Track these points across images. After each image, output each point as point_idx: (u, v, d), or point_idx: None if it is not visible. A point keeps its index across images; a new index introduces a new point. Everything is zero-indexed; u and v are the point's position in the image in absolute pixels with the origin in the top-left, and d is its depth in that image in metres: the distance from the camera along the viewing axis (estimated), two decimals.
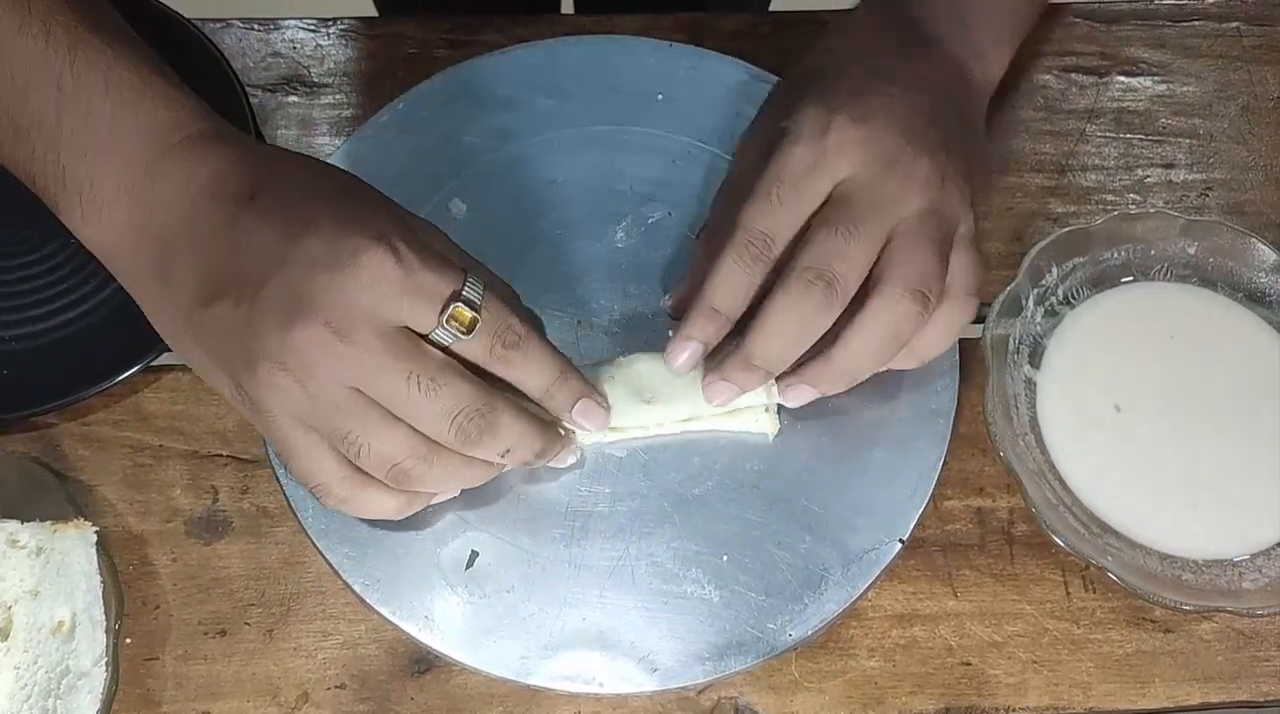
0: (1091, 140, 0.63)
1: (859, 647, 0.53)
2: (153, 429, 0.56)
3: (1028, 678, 0.52)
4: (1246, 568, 0.52)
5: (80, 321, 0.56)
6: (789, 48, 0.63)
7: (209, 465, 0.55)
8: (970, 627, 0.53)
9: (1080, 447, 0.55)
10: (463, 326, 0.43)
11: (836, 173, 0.47)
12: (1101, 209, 0.61)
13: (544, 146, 0.57)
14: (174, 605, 0.53)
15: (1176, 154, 0.63)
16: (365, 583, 0.49)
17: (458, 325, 0.43)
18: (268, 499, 0.54)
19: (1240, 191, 0.62)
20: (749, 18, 0.65)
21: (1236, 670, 0.53)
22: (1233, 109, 0.64)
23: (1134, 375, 0.56)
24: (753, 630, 0.49)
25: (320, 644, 0.52)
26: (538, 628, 0.49)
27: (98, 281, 0.57)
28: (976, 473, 0.56)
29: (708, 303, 0.47)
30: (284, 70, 0.63)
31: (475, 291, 0.43)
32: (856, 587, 0.49)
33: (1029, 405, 0.55)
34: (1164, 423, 0.55)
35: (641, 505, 0.50)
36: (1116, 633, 0.53)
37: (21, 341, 0.56)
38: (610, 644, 0.48)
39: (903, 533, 0.50)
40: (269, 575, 0.53)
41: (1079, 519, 0.53)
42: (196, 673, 0.52)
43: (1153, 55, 0.65)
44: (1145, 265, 0.58)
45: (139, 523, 0.54)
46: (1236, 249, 0.57)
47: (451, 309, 0.43)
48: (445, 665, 0.52)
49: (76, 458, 0.55)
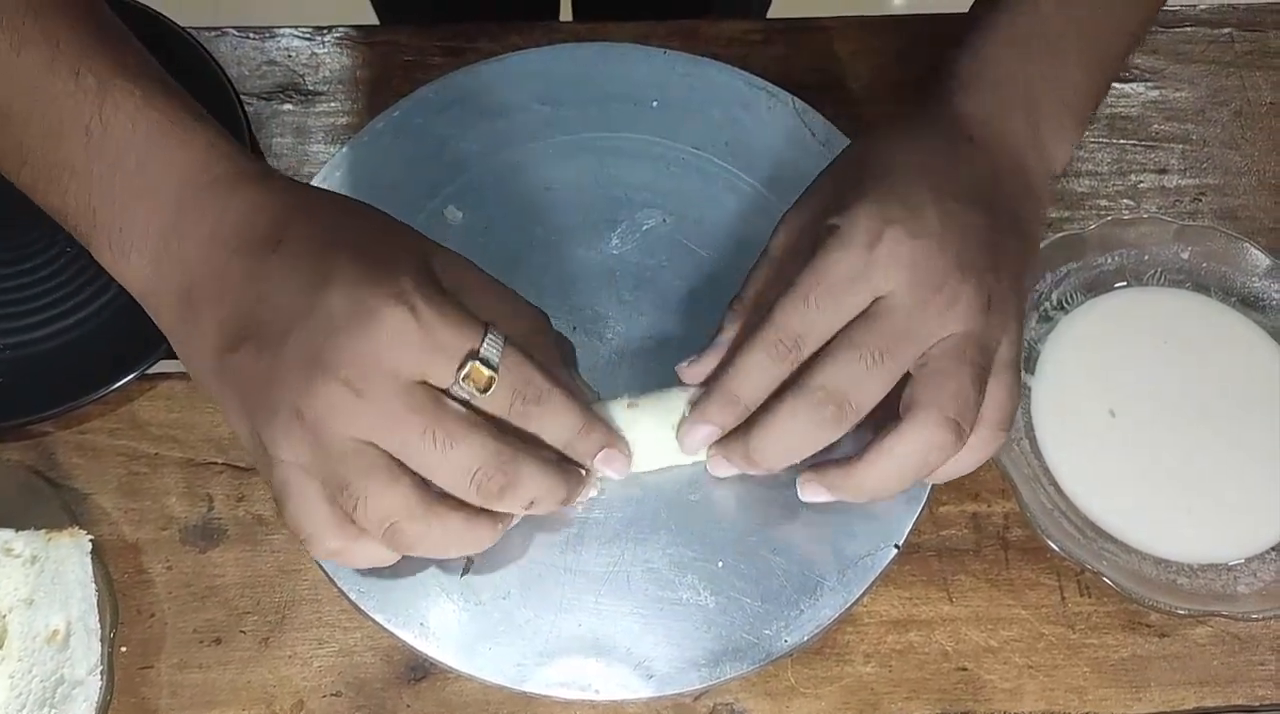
0: (1085, 146, 0.63)
1: (855, 652, 0.53)
2: (148, 437, 0.56)
3: (1023, 683, 0.52)
4: (1241, 572, 0.52)
5: (75, 330, 0.56)
6: (784, 54, 0.64)
7: (204, 473, 0.55)
8: (966, 632, 0.53)
9: (1075, 451, 0.55)
10: (479, 386, 0.43)
11: (879, 287, 0.45)
12: (1095, 214, 0.62)
13: (539, 153, 0.57)
14: (169, 614, 0.53)
15: (1169, 159, 0.63)
16: (360, 590, 0.49)
17: (473, 385, 0.42)
18: (263, 507, 0.54)
19: (1233, 196, 0.63)
20: (744, 24, 0.65)
21: (1232, 675, 0.53)
22: (1225, 114, 0.65)
23: (1128, 380, 0.56)
24: (749, 636, 0.49)
25: (315, 652, 0.52)
26: (533, 635, 0.48)
27: (93, 290, 0.57)
28: (971, 478, 0.56)
29: (730, 390, 0.46)
30: (279, 78, 0.63)
31: (495, 348, 0.43)
32: (852, 592, 0.49)
33: (1024, 410, 0.56)
34: (1158, 427, 0.55)
35: (637, 511, 0.50)
36: (1112, 637, 0.53)
37: (16, 350, 0.56)
38: (606, 651, 0.48)
39: (898, 538, 0.50)
40: (264, 583, 0.53)
41: (1074, 524, 0.53)
42: (192, 681, 0.51)
43: (1145, 61, 0.66)
44: (1139, 270, 0.58)
45: (134, 531, 0.54)
46: (1230, 254, 0.58)
47: (469, 368, 0.42)
48: (441, 673, 0.51)
49: (71, 466, 0.55)
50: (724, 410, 0.47)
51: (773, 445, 0.46)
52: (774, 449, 0.46)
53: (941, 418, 0.44)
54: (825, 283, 0.44)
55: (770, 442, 0.46)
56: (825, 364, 0.45)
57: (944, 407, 0.44)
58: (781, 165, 0.56)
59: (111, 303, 0.57)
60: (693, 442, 0.48)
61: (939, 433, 0.44)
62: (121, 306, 0.57)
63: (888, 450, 0.45)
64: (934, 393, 0.44)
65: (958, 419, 0.44)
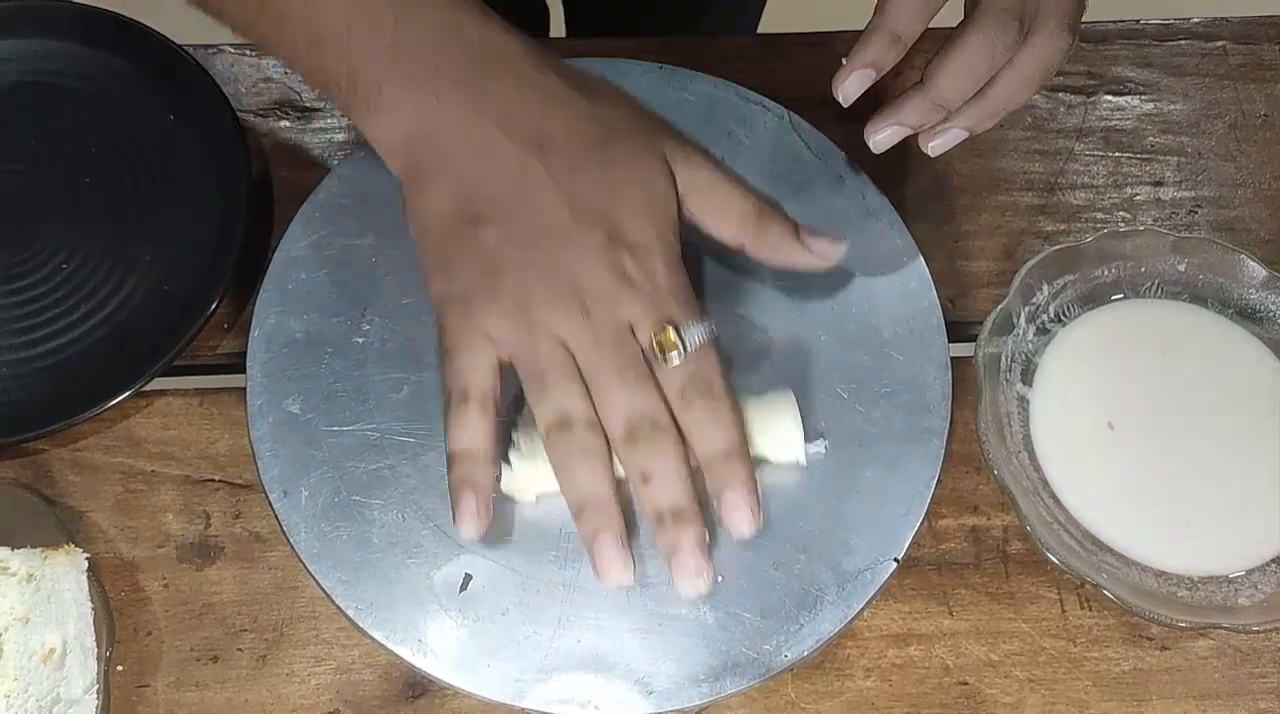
0: (1080, 159, 0.64)
1: (855, 667, 0.52)
2: (144, 455, 0.55)
3: (1024, 697, 0.52)
4: (1242, 584, 0.52)
5: (71, 347, 0.56)
6: (777, 69, 0.64)
7: (201, 490, 0.55)
8: (966, 646, 0.53)
9: (1074, 464, 0.55)
10: (663, 350, 0.46)
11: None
12: (1091, 227, 0.62)
13: None
14: (165, 632, 0.52)
15: (1165, 172, 0.64)
16: (358, 607, 0.49)
17: (659, 348, 0.46)
18: (260, 524, 0.54)
19: (1229, 208, 0.63)
20: (738, 40, 0.66)
21: (1234, 688, 0.52)
22: (1220, 127, 0.65)
23: (1126, 392, 0.56)
24: (748, 652, 0.48)
25: (313, 670, 0.52)
26: (532, 651, 0.48)
27: (89, 307, 0.57)
28: (971, 491, 0.56)
29: (889, 28, 0.47)
30: (275, 95, 0.63)
31: (696, 334, 0.47)
32: (852, 607, 0.49)
33: (1022, 423, 0.55)
34: (1157, 439, 0.55)
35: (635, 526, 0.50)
36: (1113, 650, 0.53)
37: (12, 367, 0.56)
38: (606, 667, 0.48)
39: (898, 552, 0.50)
40: (261, 601, 0.53)
41: (1074, 537, 0.53)
42: (188, 700, 0.51)
43: (1140, 74, 0.66)
44: (1136, 282, 0.58)
45: (130, 549, 0.54)
46: (1226, 266, 0.58)
47: (666, 332, 0.46)
48: (439, 690, 0.51)
49: (67, 484, 0.55)
50: (885, 49, 0.47)
51: (962, 78, 0.48)
52: (963, 81, 0.48)
53: (999, 10, 0.46)
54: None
55: (956, 75, 0.47)
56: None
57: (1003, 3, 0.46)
58: (777, 179, 0.56)
59: (107, 320, 0.57)
60: (850, 89, 0.48)
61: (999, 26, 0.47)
62: (117, 323, 0.56)
63: (958, 54, 0.47)
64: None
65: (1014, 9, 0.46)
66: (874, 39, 0.47)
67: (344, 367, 0.52)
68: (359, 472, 0.51)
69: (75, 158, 0.60)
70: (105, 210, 0.59)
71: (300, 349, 0.53)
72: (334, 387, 0.52)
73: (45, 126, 0.61)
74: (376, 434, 0.51)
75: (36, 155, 0.60)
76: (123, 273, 0.57)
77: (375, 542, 0.49)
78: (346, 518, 0.50)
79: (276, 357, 0.53)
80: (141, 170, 0.60)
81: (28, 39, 0.62)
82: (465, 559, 0.50)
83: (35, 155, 0.60)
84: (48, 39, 0.62)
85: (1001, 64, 0.48)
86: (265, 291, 0.54)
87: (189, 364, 0.57)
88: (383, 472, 0.51)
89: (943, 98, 0.48)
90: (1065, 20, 0.48)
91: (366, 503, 0.50)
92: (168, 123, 0.60)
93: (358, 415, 0.51)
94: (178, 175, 0.59)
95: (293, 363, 0.52)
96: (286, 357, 0.53)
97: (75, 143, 0.60)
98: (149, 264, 0.58)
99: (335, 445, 0.51)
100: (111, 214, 0.59)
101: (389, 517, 0.50)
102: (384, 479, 0.50)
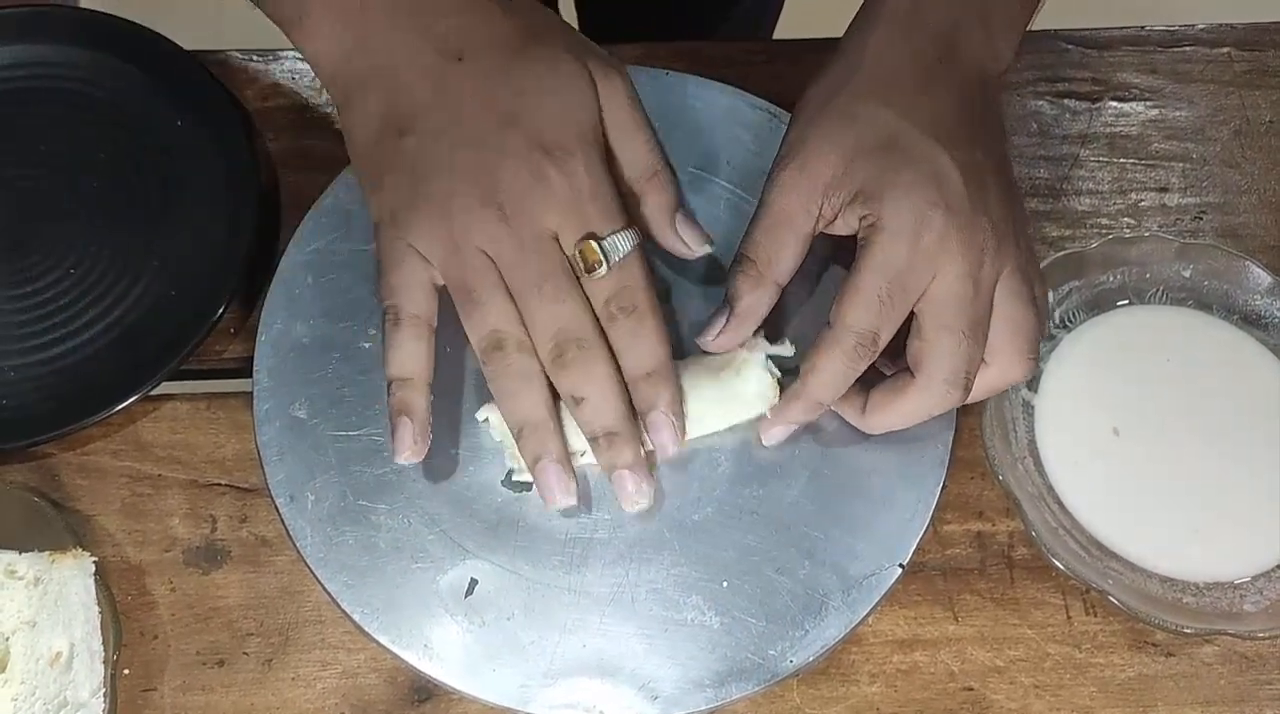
0: (1085, 165, 0.64)
1: (860, 672, 0.52)
2: (151, 459, 0.56)
3: (1030, 703, 0.52)
4: (1247, 590, 0.52)
5: (78, 352, 0.56)
6: (785, 73, 0.64)
7: (207, 495, 0.55)
8: (972, 651, 0.53)
9: (1079, 470, 0.55)
10: (586, 264, 0.46)
11: (936, 269, 0.46)
12: (1096, 233, 0.62)
13: None
14: (172, 636, 0.52)
15: (1170, 178, 0.64)
16: (364, 612, 0.49)
17: (582, 261, 0.46)
18: (266, 528, 0.54)
19: (1234, 215, 0.63)
20: (745, 45, 0.66)
21: (1239, 694, 0.52)
22: (1225, 133, 0.65)
23: (1131, 398, 0.56)
24: (754, 657, 0.48)
25: (319, 674, 0.52)
26: (538, 656, 0.48)
27: (96, 312, 0.57)
28: (975, 497, 0.56)
29: (814, 397, 0.48)
30: (284, 101, 0.63)
31: (621, 245, 0.47)
32: (857, 612, 0.49)
33: (1027, 429, 0.55)
34: (1162, 445, 0.55)
35: (641, 532, 0.50)
36: (1118, 657, 0.53)
37: (20, 372, 0.56)
38: (611, 672, 0.48)
39: (903, 558, 0.50)
40: (267, 605, 0.53)
41: (1079, 543, 0.53)
42: (195, 704, 0.51)
43: (1145, 80, 0.66)
44: (1141, 288, 0.58)
45: (137, 553, 0.54)
46: (1231, 272, 0.58)
47: (584, 245, 0.46)
48: (445, 694, 0.51)
49: (75, 488, 0.55)
50: (809, 412, 0.49)
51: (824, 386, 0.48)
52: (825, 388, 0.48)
53: (940, 381, 0.47)
54: (888, 279, 0.46)
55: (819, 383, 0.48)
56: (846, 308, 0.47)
57: (942, 370, 0.46)
58: None
59: (115, 324, 0.57)
60: (773, 437, 0.50)
61: (941, 393, 0.47)
62: (125, 328, 0.57)
63: (896, 409, 0.48)
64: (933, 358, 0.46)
65: (956, 380, 0.47)
66: (803, 405, 0.48)
67: (350, 371, 0.52)
68: (365, 476, 0.51)
69: (85, 163, 0.60)
70: (114, 215, 0.59)
71: (307, 354, 0.53)
72: (340, 391, 0.52)
73: (55, 132, 0.61)
74: (383, 439, 0.51)
75: (46, 160, 0.60)
76: (131, 277, 0.58)
77: (381, 546, 0.50)
78: (352, 522, 0.50)
79: (283, 361, 0.53)
80: (150, 175, 0.60)
81: (38, 45, 0.62)
82: (471, 564, 0.50)
83: (45, 160, 0.60)
84: (58, 45, 0.62)
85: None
86: (272, 296, 0.54)
87: (196, 368, 0.57)
88: (389, 476, 0.51)
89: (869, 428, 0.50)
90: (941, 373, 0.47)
91: (372, 507, 0.50)
92: (177, 128, 0.61)
93: (364, 420, 0.52)
94: (186, 181, 0.60)
95: (299, 368, 0.53)
96: (293, 361, 0.53)
97: (85, 148, 0.60)
98: (157, 269, 0.58)
99: (341, 450, 0.51)
100: (120, 219, 0.59)
101: (395, 521, 0.50)
102: (390, 484, 0.51)
